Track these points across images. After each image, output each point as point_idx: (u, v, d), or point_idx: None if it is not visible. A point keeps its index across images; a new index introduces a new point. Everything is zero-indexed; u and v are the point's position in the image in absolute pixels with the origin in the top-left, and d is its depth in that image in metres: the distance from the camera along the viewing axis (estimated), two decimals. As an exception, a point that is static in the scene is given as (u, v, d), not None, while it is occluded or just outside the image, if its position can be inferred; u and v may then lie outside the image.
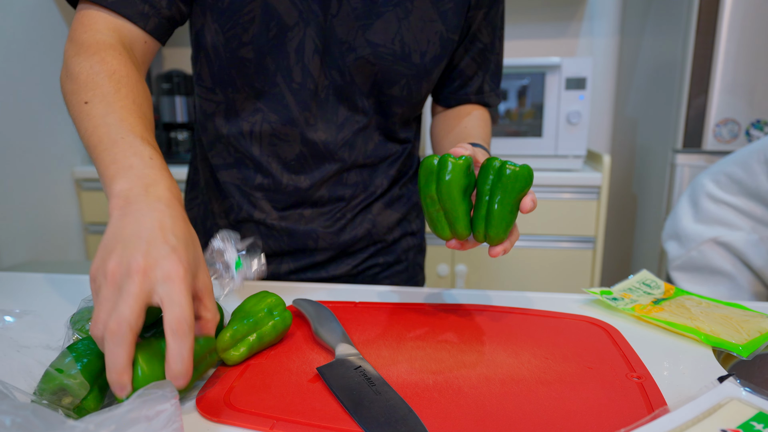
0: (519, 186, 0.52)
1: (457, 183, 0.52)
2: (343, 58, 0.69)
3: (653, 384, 0.46)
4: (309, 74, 0.69)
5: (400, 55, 0.70)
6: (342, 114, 0.73)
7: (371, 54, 0.69)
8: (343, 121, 0.73)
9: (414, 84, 0.73)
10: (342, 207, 0.77)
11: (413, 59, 0.71)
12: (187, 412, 0.43)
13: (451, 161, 0.52)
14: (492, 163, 0.53)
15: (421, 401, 0.43)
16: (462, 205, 0.53)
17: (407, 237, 0.87)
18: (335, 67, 0.70)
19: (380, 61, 0.70)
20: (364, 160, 0.77)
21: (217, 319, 0.44)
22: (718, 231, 1.08)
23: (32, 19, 1.73)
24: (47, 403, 0.38)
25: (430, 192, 0.53)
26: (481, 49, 0.78)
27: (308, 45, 0.68)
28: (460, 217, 0.54)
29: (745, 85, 1.50)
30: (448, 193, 0.52)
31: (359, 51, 0.69)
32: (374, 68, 0.70)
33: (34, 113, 1.76)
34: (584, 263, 1.73)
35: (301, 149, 0.73)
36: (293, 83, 0.69)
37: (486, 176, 0.54)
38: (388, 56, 0.70)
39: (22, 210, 1.73)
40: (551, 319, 0.60)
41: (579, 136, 1.72)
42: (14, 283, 0.73)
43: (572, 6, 2.07)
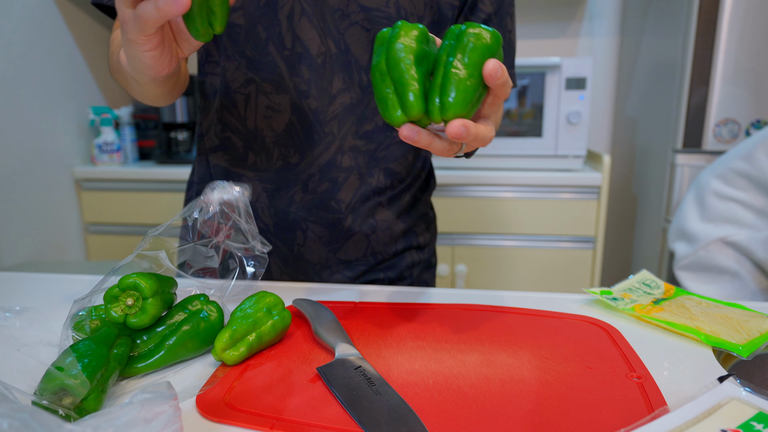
0: (481, 45, 0.43)
1: (408, 47, 0.43)
2: (337, 26, 0.68)
3: (653, 384, 0.46)
4: (298, 38, 0.68)
5: (396, 18, 0.67)
6: (336, 85, 0.70)
7: (365, 19, 0.67)
8: (336, 92, 0.70)
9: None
10: (335, 195, 0.73)
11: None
12: (187, 412, 0.43)
13: (403, 25, 0.44)
14: (453, 29, 0.45)
15: (421, 401, 0.43)
16: (414, 70, 0.43)
17: (412, 251, 0.82)
18: (330, 35, 0.68)
19: (375, 26, 0.67)
20: (356, 141, 0.73)
21: None
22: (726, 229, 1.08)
23: (32, 20, 1.73)
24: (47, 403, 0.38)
25: (380, 65, 0.44)
26: (483, 21, 0.71)
27: (297, 10, 0.67)
28: (410, 84, 0.43)
29: (745, 85, 1.50)
30: (397, 58, 0.43)
31: (353, 17, 0.67)
32: (369, 35, 0.68)
33: (34, 113, 1.76)
34: (584, 263, 1.73)
35: (290, 117, 0.71)
36: (285, 50, 0.68)
37: (445, 45, 0.45)
38: (383, 20, 0.67)
39: (22, 210, 1.73)
40: (551, 319, 0.60)
41: (579, 136, 1.72)
42: (14, 283, 0.73)
43: (572, 6, 2.07)
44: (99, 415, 0.32)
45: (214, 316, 0.52)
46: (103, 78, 2.09)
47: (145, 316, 0.48)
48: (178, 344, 0.50)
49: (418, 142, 0.44)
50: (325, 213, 0.74)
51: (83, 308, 0.50)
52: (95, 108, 1.96)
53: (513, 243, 1.74)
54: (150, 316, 0.48)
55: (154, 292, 0.48)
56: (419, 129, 0.44)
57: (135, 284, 0.48)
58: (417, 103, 0.43)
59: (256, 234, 0.58)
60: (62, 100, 1.87)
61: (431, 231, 0.86)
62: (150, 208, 1.88)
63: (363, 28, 0.67)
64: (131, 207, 1.89)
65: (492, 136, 0.46)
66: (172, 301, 0.53)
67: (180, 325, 0.50)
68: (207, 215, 0.54)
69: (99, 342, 0.44)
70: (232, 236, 0.57)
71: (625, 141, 2.09)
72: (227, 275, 0.62)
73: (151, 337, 0.50)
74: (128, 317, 0.48)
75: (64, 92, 1.88)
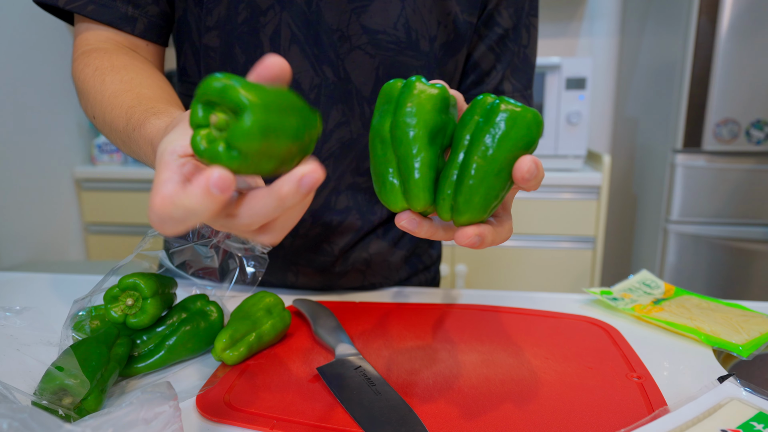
0: (516, 135, 0.33)
1: (422, 118, 0.34)
2: (335, 50, 0.58)
3: (653, 384, 0.46)
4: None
5: (406, 43, 0.58)
6: (334, 118, 0.61)
7: (368, 43, 0.58)
8: (333, 127, 0.61)
9: (424, 76, 0.61)
10: (329, 238, 0.66)
11: (421, 47, 0.59)
12: (187, 413, 0.43)
13: (420, 85, 0.35)
14: (482, 100, 0.35)
15: (421, 401, 0.43)
16: (425, 152, 0.34)
17: (419, 274, 0.74)
18: (326, 61, 0.58)
19: (381, 52, 0.58)
20: (356, 178, 0.64)
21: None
22: None
23: (32, 19, 1.73)
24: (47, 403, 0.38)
25: (382, 130, 0.35)
26: (500, 36, 0.63)
27: (284, 32, 0.57)
28: (419, 172, 0.35)
29: (745, 85, 1.50)
30: (406, 132, 0.34)
31: (354, 40, 0.57)
32: (374, 61, 0.59)
33: (35, 113, 1.76)
34: (584, 263, 1.73)
35: None
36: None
37: (468, 120, 0.35)
38: (391, 45, 0.58)
39: (22, 210, 1.73)
40: (551, 319, 0.60)
41: (579, 136, 1.72)
42: (14, 283, 0.73)
43: (572, 6, 2.07)
44: (99, 415, 0.32)
45: (214, 316, 0.52)
46: (103, 78, 2.09)
47: (145, 316, 0.48)
48: (178, 344, 0.50)
49: (418, 233, 0.37)
50: (316, 256, 0.67)
51: (83, 308, 0.50)
52: (95, 108, 1.96)
53: (513, 243, 1.74)
54: (150, 316, 0.48)
55: (154, 292, 0.48)
56: (421, 220, 0.36)
57: (135, 284, 0.48)
58: (424, 196, 0.35)
59: None
60: (62, 100, 1.87)
61: (436, 247, 0.78)
62: (150, 208, 1.88)
63: (366, 53, 0.58)
64: (131, 207, 1.89)
65: (510, 235, 0.38)
66: (172, 301, 0.53)
67: (180, 325, 0.50)
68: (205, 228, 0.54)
69: (99, 342, 0.44)
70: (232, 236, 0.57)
71: (625, 141, 2.09)
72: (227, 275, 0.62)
73: (151, 337, 0.50)
74: (128, 317, 0.48)
75: (64, 92, 1.88)
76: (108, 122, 0.49)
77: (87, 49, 0.56)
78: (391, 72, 0.60)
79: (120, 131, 0.47)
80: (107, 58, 0.53)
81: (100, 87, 0.51)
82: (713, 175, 1.59)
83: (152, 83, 0.51)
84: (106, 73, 0.51)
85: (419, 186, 0.35)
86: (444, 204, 0.35)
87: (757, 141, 1.52)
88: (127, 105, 0.47)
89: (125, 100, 0.48)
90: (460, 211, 0.34)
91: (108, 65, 0.52)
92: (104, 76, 0.51)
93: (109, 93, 0.50)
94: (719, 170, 1.58)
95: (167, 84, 0.54)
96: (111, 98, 0.49)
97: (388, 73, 0.60)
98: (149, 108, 0.45)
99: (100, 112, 0.50)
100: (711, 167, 1.58)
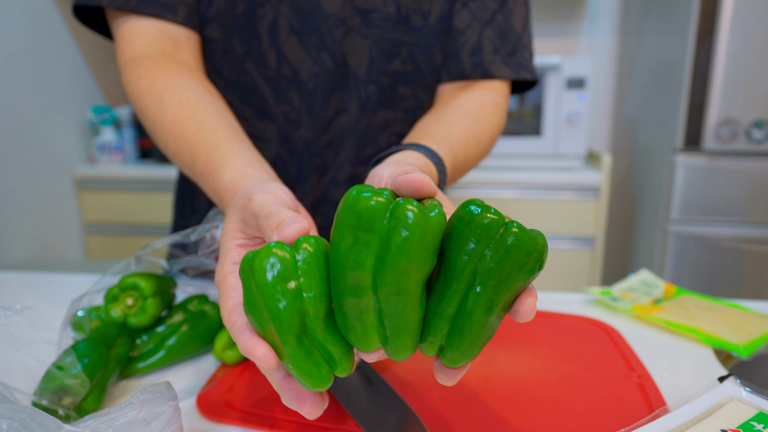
0: (525, 273, 0.28)
1: (419, 266, 0.28)
2: (332, 36, 0.58)
3: (653, 384, 0.46)
4: (285, 59, 0.58)
5: (396, 19, 0.58)
6: (333, 106, 0.60)
7: (362, 24, 0.58)
8: (333, 115, 0.61)
9: (420, 54, 0.60)
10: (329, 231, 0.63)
11: (413, 22, 0.59)
12: (187, 412, 0.43)
13: (415, 217, 0.27)
14: (477, 217, 0.28)
15: (421, 401, 0.43)
16: (420, 310, 0.29)
17: None
18: (324, 48, 0.58)
19: (373, 30, 0.58)
20: (356, 168, 0.63)
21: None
22: None
23: (32, 19, 1.73)
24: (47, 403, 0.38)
25: (359, 271, 0.28)
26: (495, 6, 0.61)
27: (282, 24, 0.57)
28: (411, 328, 0.29)
29: (745, 85, 1.50)
30: (399, 283, 0.28)
31: (349, 22, 0.58)
32: (368, 41, 0.58)
33: (35, 113, 1.76)
34: (584, 263, 1.73)
35: (278, 150, 0.61)
36: (267, 69, 0.59)
37: (463, 241, 0.28)
38: (382, 21, 0.58)
39: (22, 210, 1.73)
40: (551, 319, 0.60)
41: (579, 136, 1.72)
42: (14, 283, 0.73)
43: (572, 5, 2.07)
44: (99, 415, 0.32)
45: (214, 316, 0.52)
46: (103, 78, 2.09)
47: (145, 316, 0.48)
48: (178, 344, 0.50)
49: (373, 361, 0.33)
50: None
51: (82, 308, 0.50)
52: (95, 108, 1.96)
53: (513, 243, 1.74)
54: (150, 316, 0.48)
55: (154, 292, 0.48)
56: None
57: (135, 284, 0.48)
58: (409, 351, 0.30)
59: None
60: (62, 100, 1.87)
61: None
62: (150, 208, 1.88)
63: (360, 34, 0.59)
64: (131, 207, 1.89)
65: None
66: (172, 301, 0.53)
67: (180, 325, 0.50)
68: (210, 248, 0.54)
69: (99, 342, 0.44)
70: None
71: (625, 141, 2.09)
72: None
73: (151, 337, 0.50)
74: (128, 317, 0.48)
75: (64, 92, 1.88)
76: (172, 152, 0.51)
77: (134, 55, 0.56)
78: (384, 49, 0.59)
79: (186, 167, 0.50)
80: (160, 72, 0.53)
81: (159, 108, 0.51)
82: (713, 175, 1.59)
83: (209, 104, 0.52)
84: (164, 92, 0.52)
85: (407, 345, 0.30)
86: (432, 346, 0.31)
87: (757, 141, 1.52)
88: (191, 140, 0.48)
89: (189, 131, 0.49)
90: (453, 359, 0.30)
91: (162, 80, 0.53)
92: (162, 96, 0.52)
93: (170, 118, 0.50)
94: (719, 170, 1.58)
95: (220, 101, 0.55)
96: (173, 124, 0.50)
97: (381, 50, 0.59)
98: (214, 154, 0.46)
99: (162, 138, 0.52)
100: (711, 167, 1.58)
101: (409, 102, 0.62)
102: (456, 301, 0.29)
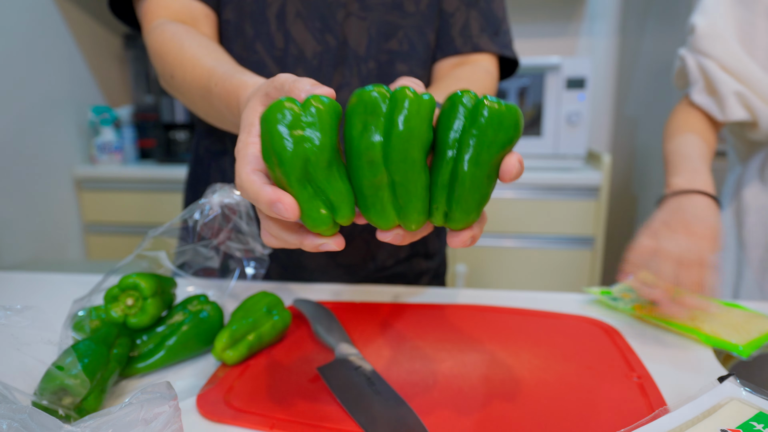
0: (503, 136, 0.33)
1: (420, 138, 0.33)
2: (333, 18, 0.65)
3: (653, 384, 0.46)
4: (291, 39, 0.65)
5: (391, 5, 0.66)
6: (336, 81, 0.67)
7: (360, 8, 0.65)
8: (336, 89, 0.67)
9: (414, 35, 0.67)
10: None
11: (406, 7, 0.66)
12: (187, 412, 0.43)
13: (410, 97, 0.33)
14: (460, 99, 0.34)
15: (421, 401, 0.43)
16: (424, 175, 0.35)
17: (419, 259, 0.77)
18: (327, 29, 0.65)
19: (370, 13, 0.65)
20: None
21: None
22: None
23: (32, 19, 1.73)
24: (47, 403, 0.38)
25: (371, 150, 0.33)
26: None
27: (290, 9, 0.64)
28: (419, 193, 0.35)
29: (745, 85, 1.50)
30: (404, 155, 0.33)
31: (349, 7, 0.65)
32: (366, 23, 0.66)
33: (35, 113, 1.76)
34: (584, 263, 1.73)
35: None
36: (275, 50, 0.65)
37: (450, 120, 0.34)
38: (378, 5, 0.65)
39: (22, 210, 1.73)
40: (551, 319, 0.60)
41: (579, 136, 1.72)
42: (14, 283, 0.73)
43: (572, 6, 2.07)
44: (99, 415, 0.32)
45: (214, 316, 0.52)
46: (103, 78, 2.09)
47: (145, 316, 0.48)
48: (178, 344, 0.50)
49: (401, 243, 0.37)
50: None
51: (83, 308, 0.50)
52: (95, 108, 1.96)
53: (513, 243, 1.74)
54: (150, 316, 0.48)
55: (154, 292, 0.48)
56: (405, 233, 0.37)
57: (135, 284, 0.48)
58: (422, 217, 0.35)
59: (257, 236, 0.58)
60: (62, 100, 1.87)
61: (442, 238, 0.79)
62: (150, 208, 1.88)
63: (359, 17, 0.65)
64: (131, 207, 1.90)
65: (485, 221, 0.39)
66: (172, 301, 0.53)
67: (180, 326, 0.50)
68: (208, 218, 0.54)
69: (99, 342, 0.44)
70: (233, 238, 0.57)
71: (625, 141, 2.09)
72: (227, 276, 0.62)
73: (151, 337, 0.50)
74: (128, 317, 0.48)
75: (64, 92, 1.88)
76: (188, 80, 0.56)
77: (158, 23, 0.61)
78: (381, 30, 0.67)
79: (201, 87, 0.54)
80: (182, 27, 0.60)
81: (179, 50, 0.57)
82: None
83: (224, 52, 0.58)
84: (184, 38, 0.58)
85: (419, 209, 0.35)
86: (437, 213, 0.36)
87: (757, 141, 1.52)
88: (209, 65, 0.53)
89: (206, 61, 0.54)
90: (456, 219, 0.35)
91: (184, 31, 0.59)
92: (182, 41, 0.57)
93: (190, 55, 0.56)
94: (719, 170, 1.58)
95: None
96: (192, 59, 0.55)
97: (378, 31, 0.67)
98: (232, 67, 0.51)
99: (180, 71, 0.57)
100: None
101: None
102: (450, 168, 0.34)
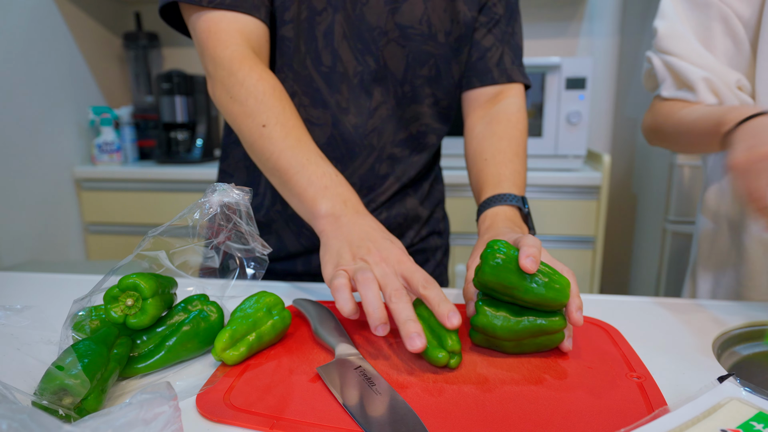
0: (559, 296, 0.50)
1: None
2: (375, 43, 0.72)
3: (653, 384, 0.46)
4: (338, 58, 0.72)
5: (428, 35, 0.74)
6: (376, 99, 0.75)
7: (401, 36, 0.73)
8: (376, 106, 0.75)
9: (442, 64, 0.76)
10: (374, 198, 0.79)
11: (439, 39, 0.75)
12: (187, 412, 0.43)
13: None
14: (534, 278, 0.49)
15: (421, 401, 0.43)
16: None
17: (434, 236, 0.88)
18: (368, 52, 0.72)
19: (409, 42, 0.73)
20: (393, 149, 0.78)
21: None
22: None
23: (32, 19, 1.73)
24: (47, 403, 0.38)
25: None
26: (496, 21, 0.79)
27: (337, 30, 0.71)
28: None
29: (745, 85, 1.50)
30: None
31: (390, 34, 0.72)
32: (405, 50, 0.74)
33: (35, 113, 1.76)
34: (584, 263, 1.73)
35: (332, 132, 0.75)
36: (322, 66, 0.72)
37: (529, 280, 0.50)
38: (417, 36, 0.73)
39: (22, 210, 1.73)
40: (551, 319, 0.60)
41: (579, 136, 1.72)
42: (15, 283, 0.73)
43: (572, 6, 2.07)
44: (99, 415, 0.32)
45: (214, 316, 0.52)
46: (103, 78, 2.09)
47: (145, 316, 0.48)
48: (178, 344, 0.50)
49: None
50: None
51: (83, 308, 0.50)
52: (95, 108, 1.97)
53: (513, 243, 1.74)
54: (150, 316, 0.48)
55: (154, 292, 0.48)
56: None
57: (135, 284, 0.48)
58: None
59: (257, 236, 0.58)
60: (62, 100, 1.87)
61: (446, 221, 0.92)
62: (150, 208, 1.88)
63: (399, 44, 0.73)
64: (131, 207, 1.90)
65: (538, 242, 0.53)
66: (172, 301, 0.53)
67: (180, 326, 0.50)
68: (207, 217, 0.54)
69: (99, 342, 0.44)
70: (233, 238, 0.57)
71: (625, 141, 2.09)
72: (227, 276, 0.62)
73: (151, 338, 0.50)
74: (128, 317, 0.48)
75: (64, 92, 1.88)
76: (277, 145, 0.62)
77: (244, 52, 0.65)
78: (417, 57, 0.75)
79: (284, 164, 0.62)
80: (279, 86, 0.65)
81: (281, 112, 0.63)
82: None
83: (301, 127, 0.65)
84: (286, 104, 0.64)
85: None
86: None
87: (757, 141, 1.52)
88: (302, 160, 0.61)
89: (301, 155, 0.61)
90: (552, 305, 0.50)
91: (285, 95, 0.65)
92: (284, 106, 0.64)
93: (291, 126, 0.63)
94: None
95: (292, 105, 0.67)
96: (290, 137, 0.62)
97: (415, 59, 0.75)
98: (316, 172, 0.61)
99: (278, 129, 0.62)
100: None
101: (430, 99, 0.79)
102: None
